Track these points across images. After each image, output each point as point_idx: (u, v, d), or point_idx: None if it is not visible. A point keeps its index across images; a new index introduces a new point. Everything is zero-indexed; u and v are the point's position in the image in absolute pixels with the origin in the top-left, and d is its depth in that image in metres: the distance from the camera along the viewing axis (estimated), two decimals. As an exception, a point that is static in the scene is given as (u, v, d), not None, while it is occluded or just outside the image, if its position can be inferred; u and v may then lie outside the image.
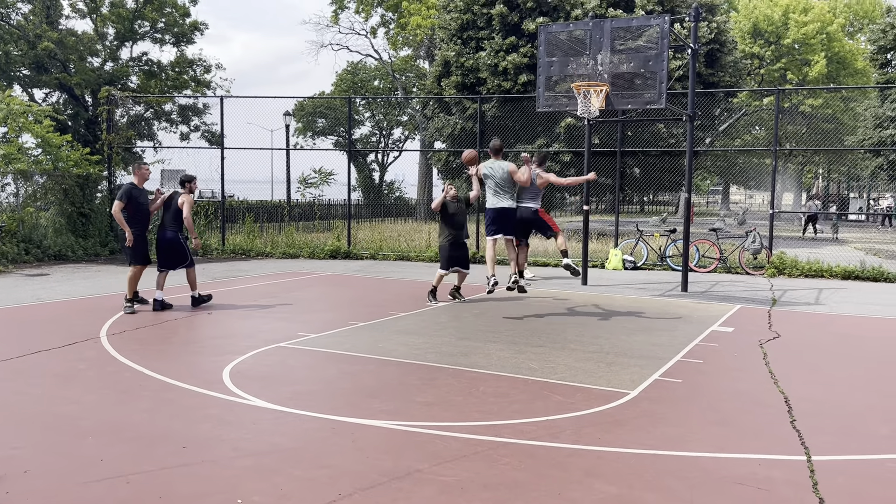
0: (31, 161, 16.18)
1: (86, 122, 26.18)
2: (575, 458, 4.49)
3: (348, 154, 20.72)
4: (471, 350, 7.39)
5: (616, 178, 17.82)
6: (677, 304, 10.88)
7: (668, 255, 15.66)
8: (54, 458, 4.35)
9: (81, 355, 7.01)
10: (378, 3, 39.80)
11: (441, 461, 4.37)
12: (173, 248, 9.74)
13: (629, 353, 7.33)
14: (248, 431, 4.92)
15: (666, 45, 10.61)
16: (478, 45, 22.38)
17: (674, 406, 5.62)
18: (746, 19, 39.77)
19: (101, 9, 26.70)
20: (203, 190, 23.25)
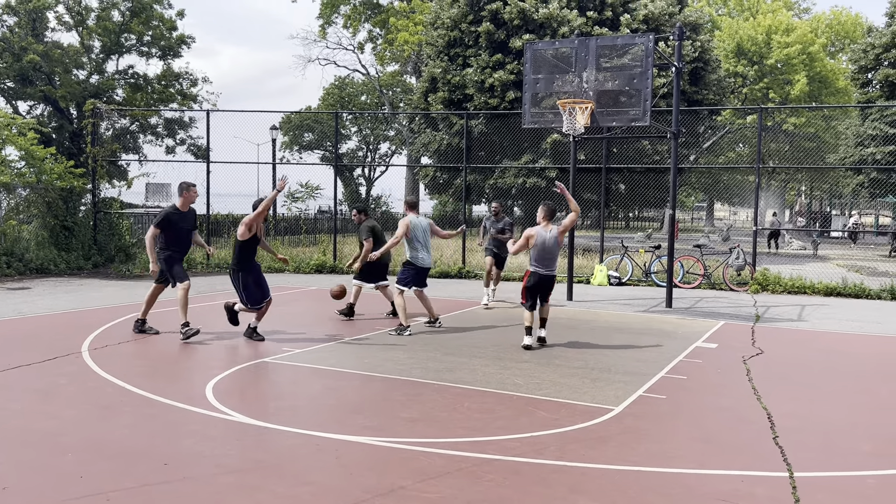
0: (14, 174, 16.05)
1: (70, 135, 26.05)
2: (559, 474, 4.48)
3: (335, 168, 20.72)
4: (456, 366, 7.38)
5: (601, 195, 17.92)
6: (662, 319, 10.92)
7: (652, 271, 15.74)
8: (33, 474, 4.29)
9: (62, 370, 6.93)
10: (366, 19, 40.01)
11: (425, 478, 4.35)
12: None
13: (614, 369, 7.34)
14: (231, 447, 4.88)
15: (650, 63, 10.73)
16: (465, 62, 22.52)
17: (658, 422, 5.63)
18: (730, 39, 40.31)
19: (87, 21, 26.66)
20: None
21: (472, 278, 16.71)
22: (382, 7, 39.11)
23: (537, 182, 21.24)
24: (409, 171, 36.65)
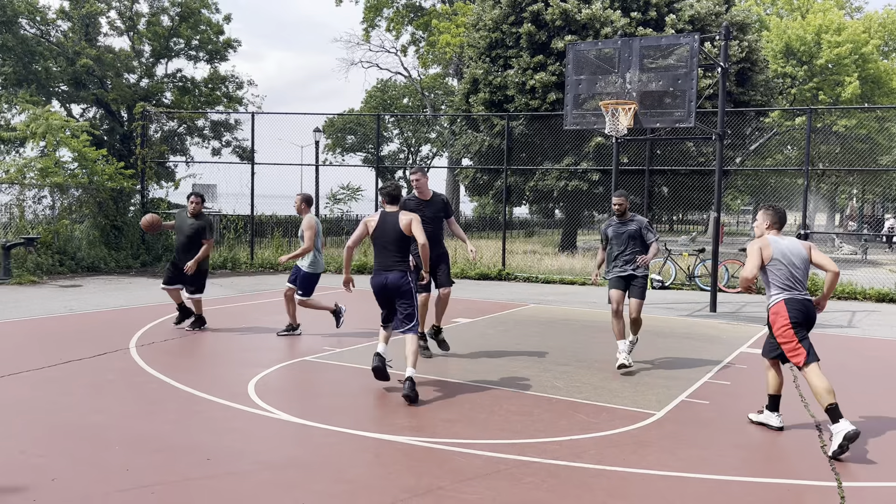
0: (68, 175, 16.53)
1: (121, 137, 26.72)
2: (598, 478, 4.43)
3: (376, 170, 20.84)
4: (495, 367, 7.36)
5: (644, 197, 17.70)
6: (705, 324, 10.74)
7: (696, 275, 15.49)
8: (81, 466, 4.41)
9: (111, 366, 7.11)
10: (408, 22, 40.22)
11: (463, 479, 4.34)
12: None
13: (655, 374, 7.24)
14: (271, 445, 4.94)
15: (696, 64, 10.57)
16: (506, 64, 22.46)
17: (700, 428, 5.53)
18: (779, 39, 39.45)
19: (138, 26, 27.32)
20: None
21: (511, 280, 16.66)
22: (425, 10, 39.28)
23: (579, 185, 21.06)
24: (450, 173, 36.70)
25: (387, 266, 6.32)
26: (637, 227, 7.59)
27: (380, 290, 6.35)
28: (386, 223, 6.36)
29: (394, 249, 6.32)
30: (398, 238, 6.31)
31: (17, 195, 15.55)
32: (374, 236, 6.40)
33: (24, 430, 5.07)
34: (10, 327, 9.18)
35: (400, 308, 6.33)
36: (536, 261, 18.76)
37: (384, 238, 6.34)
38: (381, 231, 6.36)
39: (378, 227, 6.38)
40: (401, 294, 6.30)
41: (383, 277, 6.31)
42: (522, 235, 41.95)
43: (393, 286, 6.28)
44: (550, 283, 16.29)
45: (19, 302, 11.38)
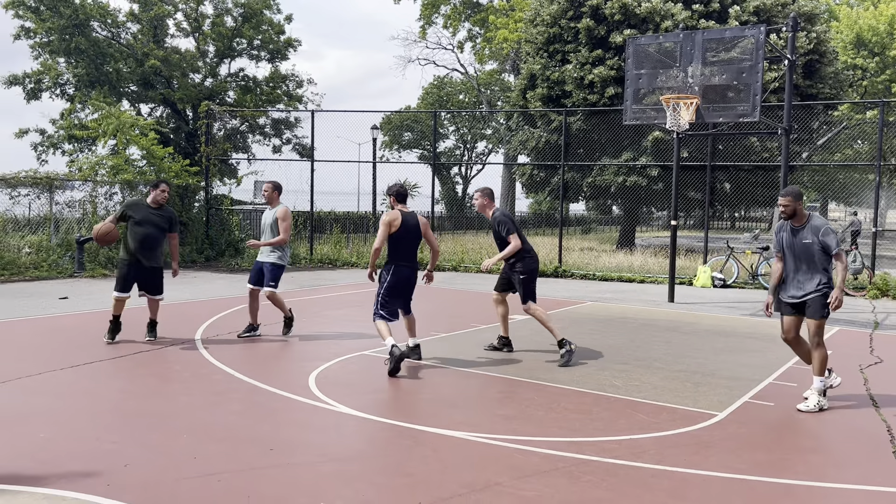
0: (137, 172, 17.10)
1: (186, 135, 27.49)
2: (658, 478, 4.38)
3: (433, 167, 20.93)
4: (552, 365, 7.32)
5: (706, 193, 17.32)
6: (769, 324, 10.45)
7: (760, 274, 15.08)
8: (151, 453, 4.57)
9: (178, 357, 7.34)
10: (465, 18, 40.23)
11: (521, 475, 4.35)
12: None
13: (717, 374, 7.10)
14: (332, 437, 5.03)
15: (761, 57, 10.29)
16: (564, 58, 22.27)
17: (765, 430, 5.40)
18: (849, 29, 38.03)
19: (203, 27, 28.05)
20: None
21: (567, 277, 16.53)
22: (482, 6, 39.23)
23: (637, 180, 20.75)
24: (506, 170, 36.60)
25: (412, 262, 7.17)
26: (813, 237, 5.81)
27: (405, 282, 7.14)
28: (408, 223, 7.08)
29: (415, 247, 7.19)
30: (418, 236, 7.17)
31: (89, 192, 16.17)
32: (400, 235, 7.02)
33: (99, 418, 5.29)
34: (84, 319, 9.57)
35: (409, 296, 7.29)
36: (593, 258, 18.56)
37: (409, 236, 7.09)
38: (406, 230, 7.04)
39: (403, 225, 7.02)
40: (413, 287, 7.29)
41: (410, 271, 7.15)
42: (579, 232, 41.57)
43: (413, 280, 7.23)
44: (608, 280, 16.10)
45: (92, 294, 11.85)
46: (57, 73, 26.10)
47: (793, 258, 5.93)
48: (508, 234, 7.50)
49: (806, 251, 5.84)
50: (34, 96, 26.44)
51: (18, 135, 26.99)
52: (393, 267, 7.08)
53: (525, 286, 7.59)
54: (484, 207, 7.81)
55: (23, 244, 14.85)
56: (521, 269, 7.60)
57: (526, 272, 7.60)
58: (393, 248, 7.08)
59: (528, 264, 7.62)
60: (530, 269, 7.64)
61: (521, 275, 7.60)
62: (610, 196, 23.03)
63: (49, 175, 15.57)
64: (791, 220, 5.91)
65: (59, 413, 5.38)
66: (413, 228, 7.08)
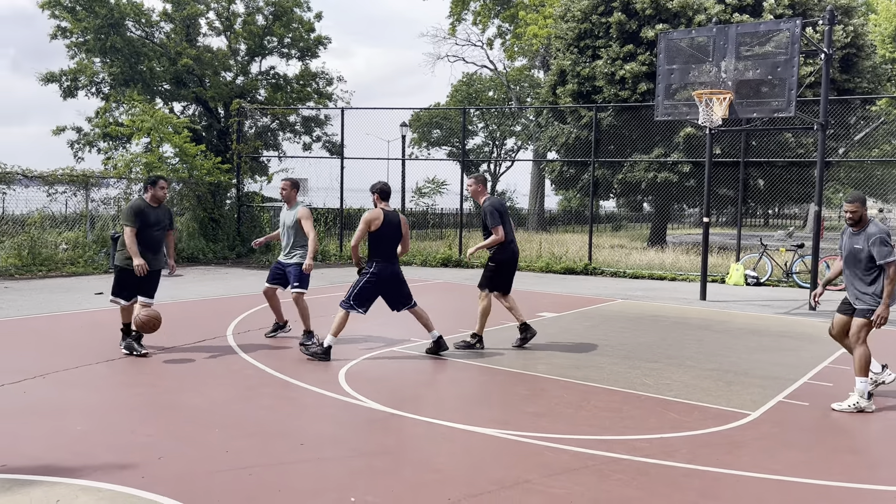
0: (170, 169, 17.35)
1: (218, 133, 27.81)
2: (690, 477, 4.33)
3: (461, 164, 20.92)
4: (582, 363, 7.29)
5: (739, 190, 17.07)
6: (804, 322, 10.28)
7: (794, 272, 14.84)
8: (185, 447, 4.64)
9: (210, 352, 7.44)
10: (495, 15, 40.11)
11: (551, 473, 4.33)
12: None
13: (750, 373, 7.00)
14: (362, 432, 5.06)
15: (797, 51, 10.11)
16: (594, 54, 22.09)
17: (799, 430, 5.31)
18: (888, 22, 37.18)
19: (234, 26, 28.33)
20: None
21: (597, 275, 16.42)
22: (511, 2, 39.05)
23: (669, 176, 20.52)
24: (535, 166, 36.43)
25: (392, 259, 7.20)
26: (864, 244, 5.73)
27: (387, 279, 7.16)
28: (390, 221, 7.14)
29: (395, 245, 7.23)
30: (398, 235, 7.24)
31: (124, 189, 16.44)
32: (381, 233, 7.10)
33: (134, 411, 5.38)
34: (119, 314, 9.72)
35: (403, 291, 7.31)
36: (624, 255, 18.41)
37: (390, 234, 7.15)
38: (387, 228, 7.10)
39: (384, 224, 7.08)
40: (403, 281, 7.32)
41: (392, 267, 7.19)
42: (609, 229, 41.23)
43: (398, 276, 7.25)
44: (639, 278, 15.97)
45: (126, 290, 12.05)
46: (92, 71, 26.56)
47: (845, 262, 5.98)
48: (493, 225, 7.65)
49: (854, 257, 5.82)
50: (70, 94, 26.93)
51: (55, 132, 27.54)
52: (374, 263, 7.15)
53: (491, 273, 7.79)
54: (477, 194, 7.97)
55: (60, 241, 15.16)
56: (492, 256, 7.79)
57: (495, 261, 7.77)
58: (374, 245, 7.16)
59: (500, 254, 7.76)
60: (500, 260, 7.78)
61: (490, 261, 7.79)
62: (641, 193, 22.81)
63: (85, 172, 15.87)
64: (855, 226, 5.87)
65: (94, 406, 5.48)
66: (394, 227, 7.17)
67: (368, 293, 7.18)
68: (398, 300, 7.39)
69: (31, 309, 9.95)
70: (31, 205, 15.35)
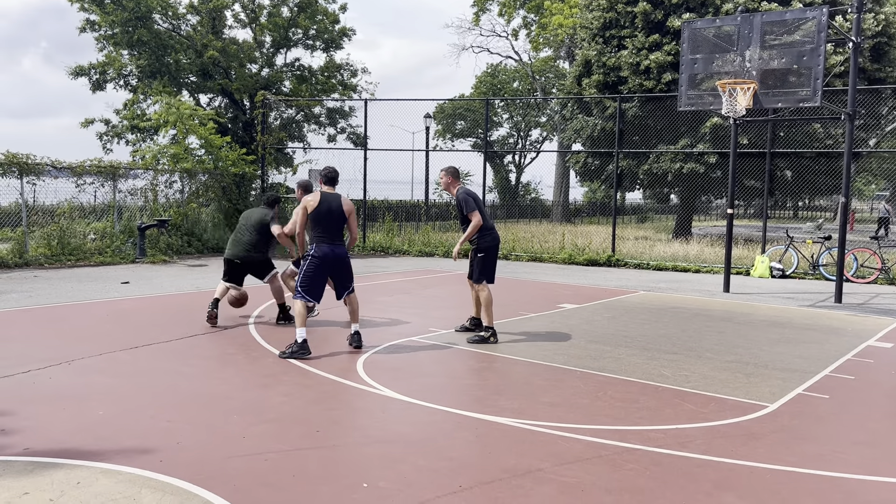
0: (196, 161, 17.55)
1: (243, 125, 28.04)
2: (704, 468, 4.31)
3: (484, 155, 20.89)
4: (600, 354, 7.27)
5: (766, 181, 16.85)
6: (829, 315, 10.15)
7: (821, 264, 14.62)
8: (203, 432, 4.72)
9: (231, 340, 7.55)
10: (520, 5, 39.88)
11: (563, 462, 4.34)
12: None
13: (770, 365, 6.93)
14: (377, 420, 5.11)
15: (823, 39, 9.94)
16: (620, 44, 21.90)
17: (818, 423, 5.26)
18: (922, 9, 36.28)
19: (259, 18, 28.50)
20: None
21: (621, 267, 16.33)
22: (537, -8, 38.81)
23: (695, 167, 20.31)
24: (559, 158, 36.25)
25: (333, 241, 7.06)
26: None
27: (329, 261, 7.01)
28: (330, 203, 7.05)
29: (336, 227, 7.09)
30: (341, 217, 7.09)
31: (151, 180, 16.68)
32: (320, 214, 6.99)
33: (155, 397, 5.49)
34: (145, 302, 9.90)
35: (346, 277, 7.21)
36: (648, 247, 18.28)
37: (330, 216, 7.03)
38: (326, 210, 7.01)
39: (321, 205, 7.00)
40: (347, 265, 7.20)
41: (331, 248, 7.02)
42: (634, 221, 40.93)
43: (339, 260, 7.09)
44: (662, 269, 15.85)
45: (152, 279, 12.25)
46: (120, 64, 26.90)
47: None
48: (469, 211, 7.59)
49: None
50: (99, 87, 27.31)
51: (84, 125, 27.95)
52: (314, 245, 7.05)
53: (483, 263, 7.74)
54: (448, 186, 7.91)
55: (88, 230, 15.44)
56: (478, 245, 7.71)
57: (483, 250, 7.72)
58: (313, 227, 7.07)
59: (486, 241, 7.72)
60: (488, 247, 7.74)
61: (478, 252, 7.70)
62: (666, 184, 22.60)
63: (113, 164, 16.13)
64: None
65: (117, 392, 5.59)
66: (335, 209, 7.05)
67: (312, 277, 7.00)
68: (341, 285, 7.23)
69: (59, 297, 10.16)
70: (60, 195, 15.66)
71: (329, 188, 7.25)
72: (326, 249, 7.02)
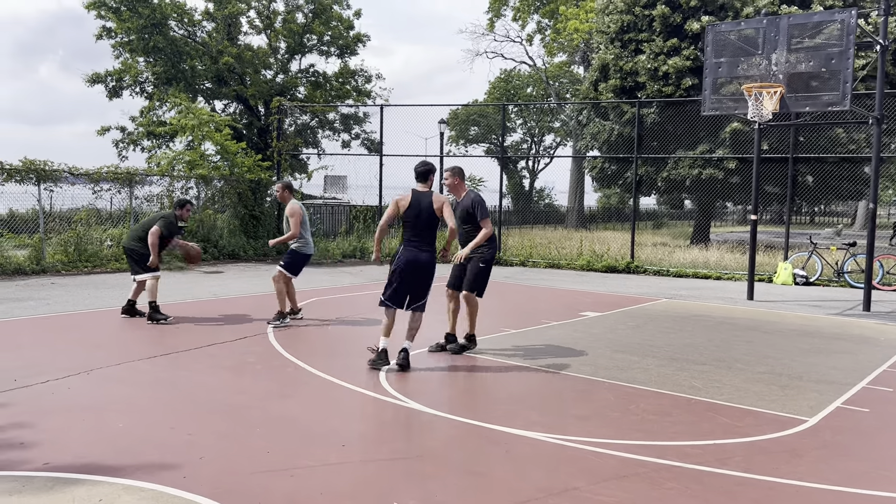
0: (211, 167, 17.51)
1: (258, 131, 28.06)
2: (746, 487, 4.14)
3: (500, 161, 20.74)
4: (628, 364, 7.09)
5: (788, 187, 16.59)
6: (858, 324, 9.91)
7: (846, 271, 14.36)
8: (226, 446, 4.59)
9: (250, 349, 7.43)
10: (535, 10, 39.76)
11: (599, 480, 4.18)
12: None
13: (804, 377, 6.73)
14: (404, 434, 4.96)
15: (852, 42, 9.74)
16: (637, 48, 21.71)
17: (861, 438, 5.06)
18: (943, 12, 35.85)
19: (274, 24, 28.55)
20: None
21: (640, 273, 16.12)
22: (551, -3, 38.69)
23: (714, 173, 20.07)
24: (574, 163, 36.03)
25: (420, 245, 6.62)
26: None
27: (412, 266, 6.59)
28: (420, 202, 6.57)
29: (426, 229, 6.62)
30: (432, 217, 6.58)
31: (167, 186, 16.65)
32: (411, 214, 6.56)
33: (175, 408, 5.37)
34: (162, 310, 9.80)
35: (421, 287, 6.69)
36: (667, 254, 18.06)
37: (421, 216, 6.56)
38: (417, 210, 6.55)
39: (413, 205, 6.55)
40: (427, 275, 6.68)
41: (417, 254, 6.61)
42: (650, 227, 40.61)
43: (424, 266, 6.62)
44: (682, 276, 15.63)
45: (169, 287, 12.17)
46: (136, 71, 27.00)
47: None
48: (484, 217, 7.16)
49: None
50: (115, 94, 27.42)
51: (101, 132, 28.08)
52: (401, 248, 6.70)
53: (484, 275, 7.34)
54: (455, 187, 7.40)
55: (105, 237, 15.40)
56: (483, 255, 7.24)
57: (486, 261, 7.33)
58: (403, 229, 6.70)
59: (490, 252, 7.36)
60: (491, 258, 7.40)
61: (480, 262, 7.24)
62: (685, 189, 22.36)
63: (129, 170, 16.10)
64: None
65: (136, 403, 5.48)
66: (426, 209, 6.55)
67: (397, 289, 6.67)
68: (414, 296, 6.72)
69: (76, 305, 10.09)
70: (77, 202, 15.64)
71: (421, 185, 6.70)
72: (411, 255, 6.62)
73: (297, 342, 7.83)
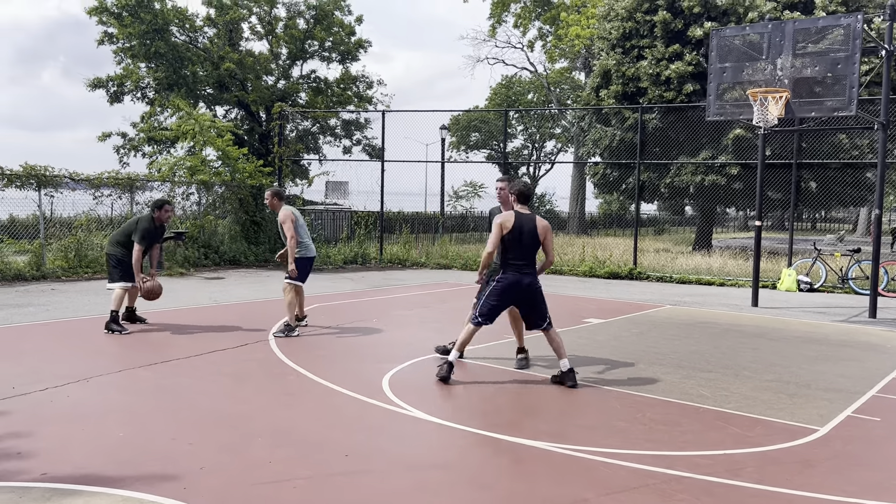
0: (213, 173, 17.45)
1: (259, 137, 28.03)
2: (759, 499, 4.05)
3: (503, 167, 20.68)
4: (633, 372, 7.00)
5: (792, 193, 16.52)
6: (865, 331, 9.82)
7: (851, 277, 14.27)
8: (227, 456, 4.50)
9: (251, 356, 7.34)
10: (536, 17, 39.78)
11: (609, 491, 4.09)
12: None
13: (813, 385, 6.64)
14: (408, 443, 4.87)
15: (858, 47, 9.68)
16: (639, 54, 21.66)
17: (873, 448, 4.98)
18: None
19: (276, 30, 28.54)
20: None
21: (643, 280, 16.03)
22: (553, 3, 38.71)
23: (716, 179, 20.00)
24: (576, 169, 35.98)
25: (522, 268, 6.46)
26: None
27: (514, 288, 6.47)
28: (523, 225, 6.41)
29: (528, 251, 6.47)
30: (535, 241, 6.47)
31: (168, 192, 16.57)
32: (513, 238, 6.40)
33: (175, 417, 5.28)
34: (163, 316, 9.73)
35: (537, 308, 6.59)
36: (669, 260, 17.97)
37: (523, 239, 6.42)
38: (519, 233, 6.41)
39: (516, 228, 6.40)
40: (536, 296, 6.56)
41: (519, 277, 6.46)
42: (651, 233, 40.54)
43: (529, 287, 6.50)
44: (685, 283, 15.55)
45: (169, 293, 12.06)
46: (138, 76, 26.98)
47: None
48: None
49: None
50: (117, 99, 27.41)
51: (101, 138, 28.05)
52: (501, 271, 6.52)
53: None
54: (507, 201, 6.83)
55: (105, 243, 15.31)
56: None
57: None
58: (504, 250, 6.48)
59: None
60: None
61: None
62: (687, 195, 22.29)
63: (130, 176, 16.03)
64: None
65: (137, 411, 5.39)
66: (528, 231, 6.40)
67: (494, 307, 6.53)
68: (533, 318, 6.62)
69: (76, 311, 10.01)
70: (77, 208, 15.57)
71: (523, 207, 6.51)
72: (513, 278, 6.42)
73: (298, 349, 7.74)
